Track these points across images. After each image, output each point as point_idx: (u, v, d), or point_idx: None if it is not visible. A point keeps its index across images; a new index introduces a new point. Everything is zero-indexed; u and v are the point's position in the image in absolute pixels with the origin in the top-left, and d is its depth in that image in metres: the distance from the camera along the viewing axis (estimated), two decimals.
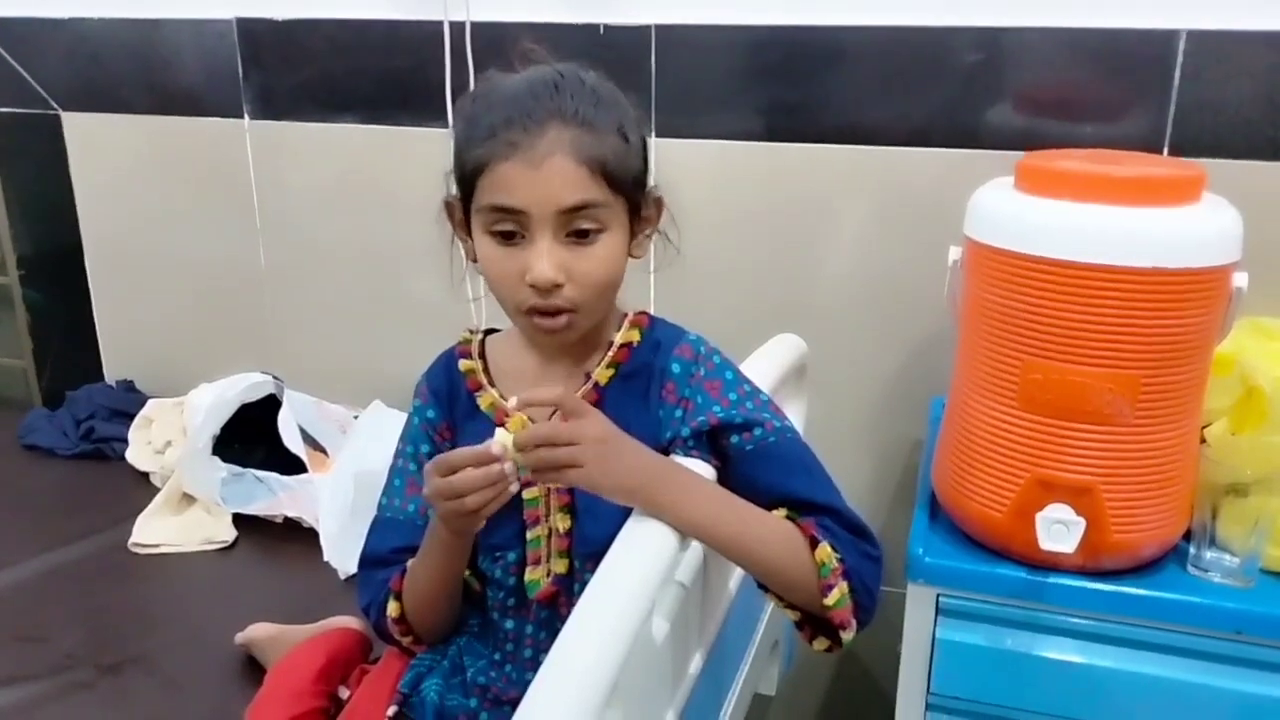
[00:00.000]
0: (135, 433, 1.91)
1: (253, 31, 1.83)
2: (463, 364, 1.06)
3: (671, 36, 1.61)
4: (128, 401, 2.02)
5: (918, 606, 1.22)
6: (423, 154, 1.76)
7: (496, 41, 1.66)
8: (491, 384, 1.05)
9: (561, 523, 1.01)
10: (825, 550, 0.92)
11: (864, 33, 1.52)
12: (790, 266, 1.66)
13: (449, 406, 1.07)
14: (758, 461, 0.97)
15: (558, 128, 0.90)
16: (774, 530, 0.93)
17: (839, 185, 1.60)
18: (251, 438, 1.78)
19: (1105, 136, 1.46)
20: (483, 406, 1.04)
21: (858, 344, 1.65)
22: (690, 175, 1.65)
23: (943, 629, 1.21)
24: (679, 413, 0.99)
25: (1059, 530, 1.13)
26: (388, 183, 1.82)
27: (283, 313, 2.00)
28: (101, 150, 2.04)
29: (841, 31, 1.53)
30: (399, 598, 1.04)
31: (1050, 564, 1.17)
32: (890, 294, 1.62)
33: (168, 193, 2.01)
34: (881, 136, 1.56)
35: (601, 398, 1.01)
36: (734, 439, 0.97)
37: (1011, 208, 1.16)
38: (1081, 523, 1.12)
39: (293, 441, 1.68)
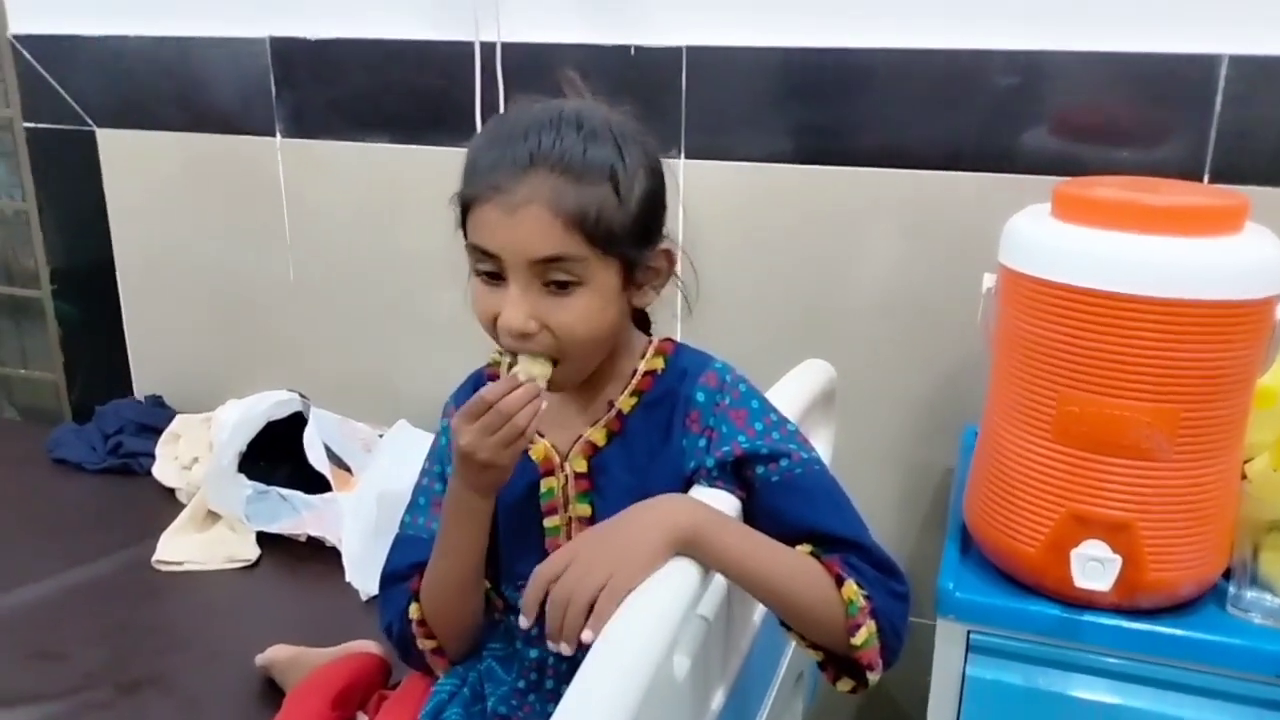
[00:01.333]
0: (162, 448, 1.92)
1: (286, 50, 1.84)
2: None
3: (703, 58, 1.60)
4: (156, 416, 2.03)
5: (947, 642, 1.19)
6: (452, 174, 1.73)
7: (527, 62, 1.65)
8: None
9: None
10: (851, 588, 0.89)
11: (897, 55, 1.51)
12: (819, 290, 1.64)
13: None
14: (783, 493, 0.94)
15: (541, 175, 0.86)
16: (798, 567, 0.90)
17: (870, 208, 1.58)
18: (277, 455, 1.77)
19: (1144, 163, 1.43)
20: None
21: (888, 370, 1.62)
22: (720, 197, 1.64)
23: (973, 666, 1.18)
24: (703, 442, 0.97)
25: (1094, 567, 1.10)
26: (417, 202, 1.82)
27: (310, 329, 2.00)
28: (135, 166, 2.05)
29: (874, 54, 1.52)
30: (418, 598, 1.02)
31: (1085, 602, 1.13)
32: (921, 319, 1.59)
33: (199, 209, 2.02)
34: (914, 159, 1.54)
35: (624, 427, 0.99)
36: (759, 470, 0.95)
37: (1049, 236, 1.13)
38: (1118, 560, 1.09)
39: (318, 460, 1.68)
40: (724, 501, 0.94)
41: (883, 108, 1.54)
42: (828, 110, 1.56)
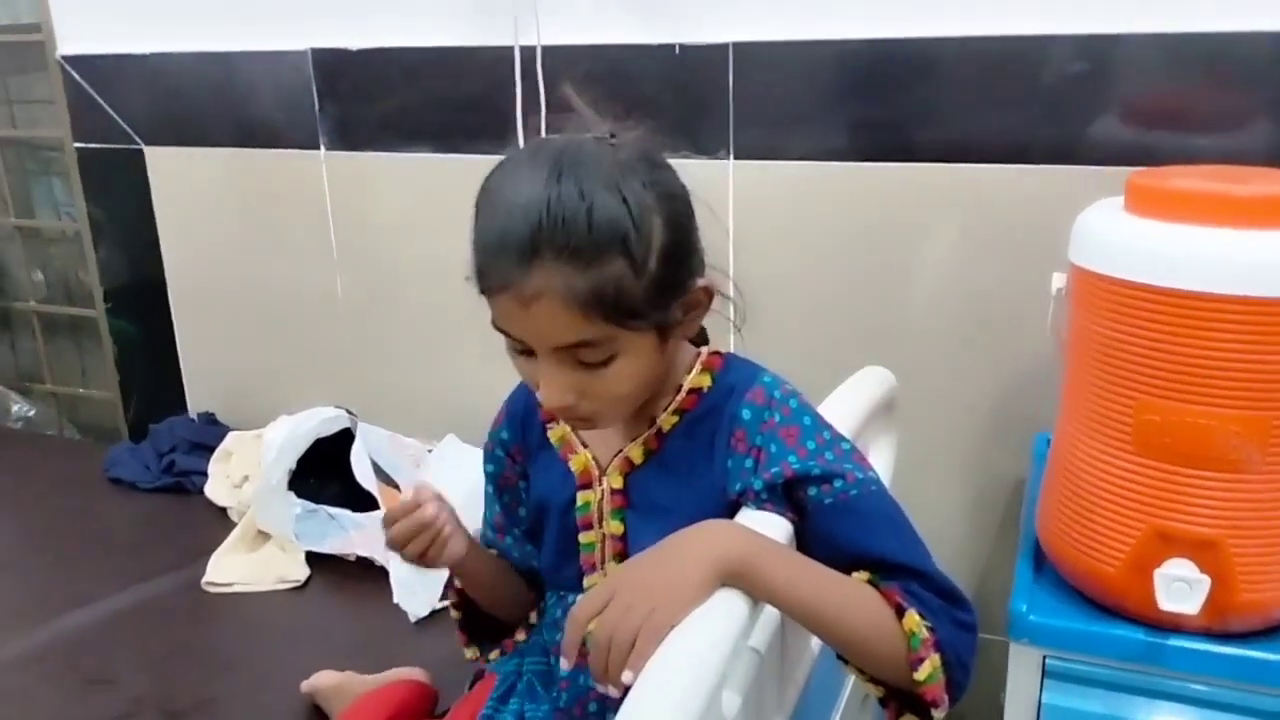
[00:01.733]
0: (215, 466, 1.91)
1: (327, 62, 1.82)
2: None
3: (750, 55, 1.54)
4: (209, 434, 2.02)
5: (1022, 668, 1.12)
6: None
7: (568, 65, 1.61)
8: None
9: None
10: (914, 619, 0.83)
11: (955, 44, 1.43)
12: (877, 293, 1.56)
13: (522, 430, 1.05)
14: (837, 517, 0.88)
15: (548, 263, 0.79)
16: (855, 597, 0.84)
17: (929, 206, 1.51)
18: (326, 472, 1.75)
19: (1224, 150, 1.34)
20: (552, 439, 1.01)
21: (952, 376, 1.54)
22: (771, 198, 1.58)
23: (1050, 694, 1.11)
24: (749, 462, 0.91)
25: (1180, 589, 1.02)
26: (461, 212, 1.77)
27: (358, 343, 1.98)
28: (182, 183, 2.05)
29: (930, 44, 1.44)
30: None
31: (1170, 625, 1.05)
32: (988, 321, 1.51)
33: (246, 225, 2.01)
34: (975, 153, 1.46)
35: (663, 445, 0.95)
36: (811, 491, 0.89)
37: (1123, 231, 1.05)
38: (1206, 580, 1.01)
39: (365, 478, 1.65)
40: (774, 525, 0.89)
41: (942, 100, 1.46)
42: (883, 105, 1.49)
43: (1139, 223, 1.05)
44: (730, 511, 0.91)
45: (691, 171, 0.89)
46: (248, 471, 1.85)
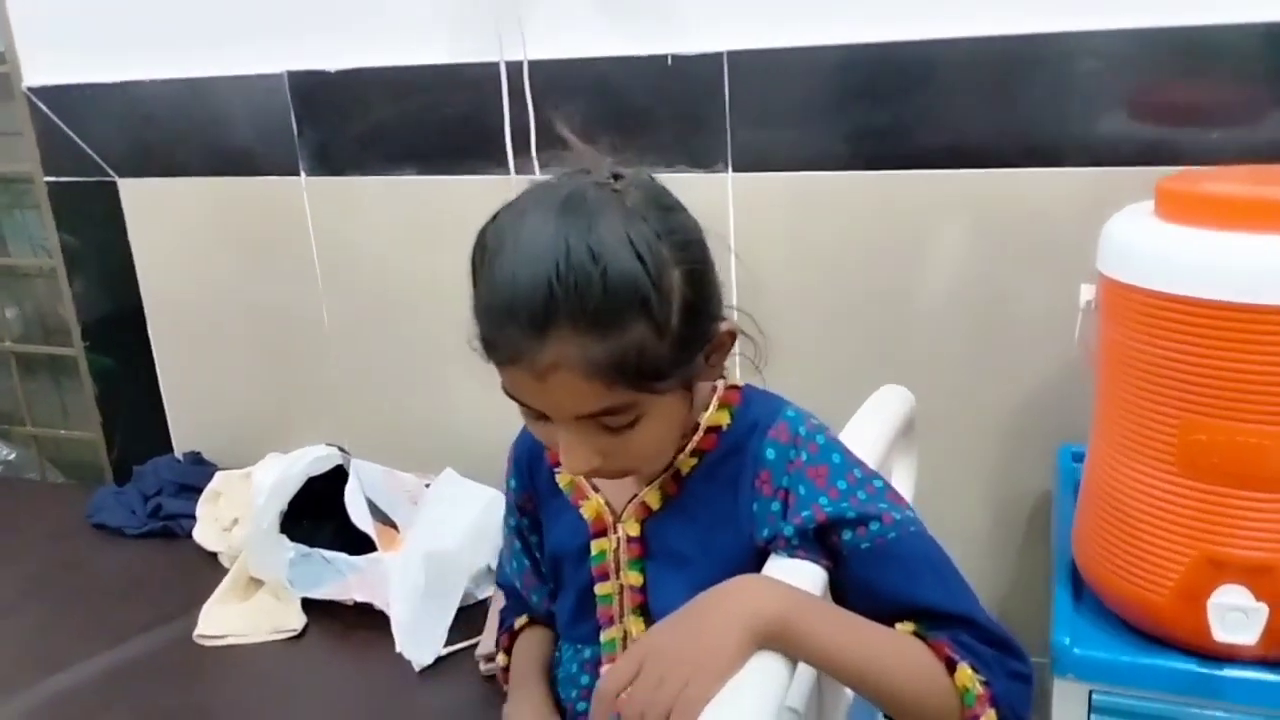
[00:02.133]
0: (203, 508, 1.83)
1: (304, 85, 1.75)
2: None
3: (746, 62, 1.47)
4: (195, 475, 1.94)
5: (1067, 704, 1.06)
6: (487, 202, 1.64)
7: (557, 80, 1.54)
8: None
9: (635, 626, 0.90)
10: (966, 673, 0.77)
11: (960, 45, 1.37)
12: (888, 306, 1.50)
13: (530, 477, 0.99)
14: (876, 562, 0.82)
15: (563, 333, 0.72)
16: (902, 652, 0.78)
17: (938, 213, 1.45)
18: (319, 513, 1.67)
19: (1242, 145, 1.28)
20: (561, 485, 0.95)
21: (968, 389, 1.48)
22: (774, 210, 1.52)
23: None
24: (776, 506, 0.85)
25: (1236, 618, 0.96)
26: (451, 235, 1.70)
27: (348, 374, 1.91)
28: (159, 216, 1.98)
29: (934, 45, 1.38)
30: (508, 653, 1.05)
31: (1226, 655, 1.00)
32: (1003, 331, 1.45)
33: (227, 255, 1.94)
34: (983, 158, 1.40)
35: (682, 489, 0.88)
36: (846, 535, 0.82)
37: (1157, 240, 1.00)
38: (1263, 609, 0.95)
39: (360, 518, 1.58)
40: (807, 574, 0.82)
41: (948, 102, 1.40)
42: (887, 110, 1.43)
43: (1174, 230, 0.99)
44: (758, 558, 0.85)
45: (690, 186, 0.83)
46: (237, 513, 1.78)
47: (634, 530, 0.90)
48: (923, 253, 1.47)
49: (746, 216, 1.51)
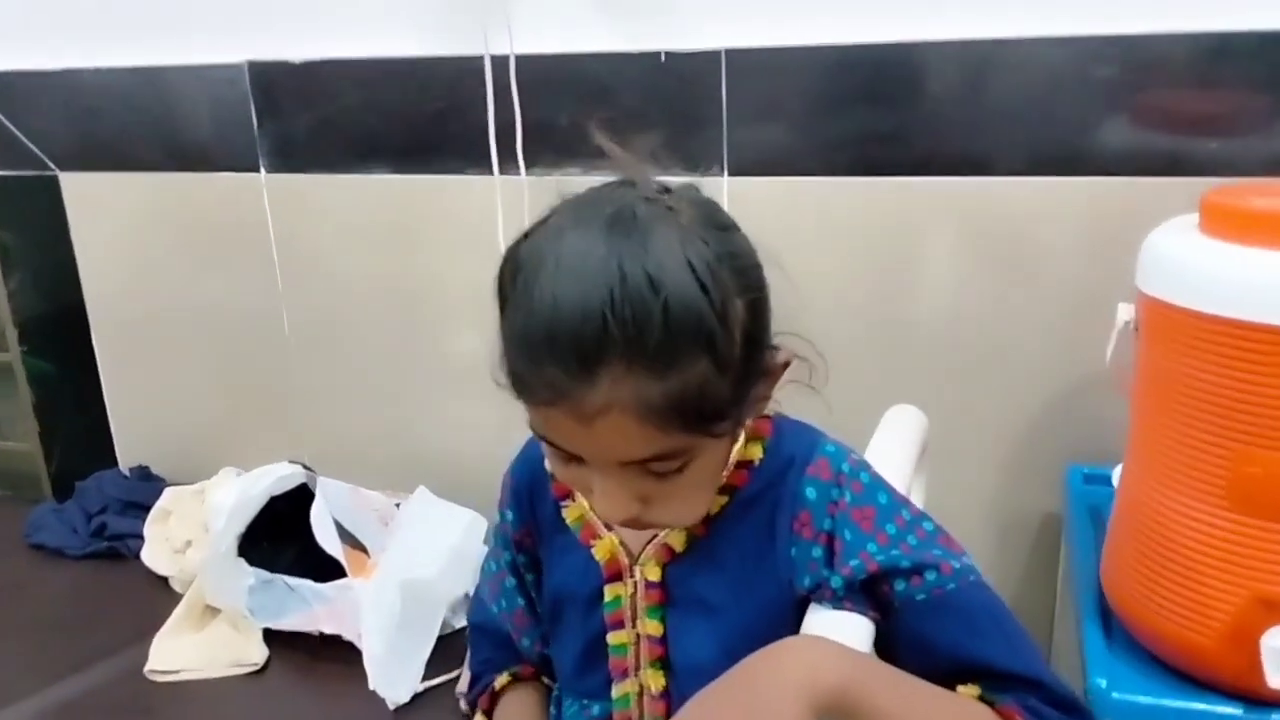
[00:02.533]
0: (151, 528, 1.71)
1: (266, 76, 1.64)
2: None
3: (744, 61, 1.40)
4: (143, 491, 1.82)
5: None
6: (464, 204, 1.56)
7: (544, 76, 1.45)
8: None
9: (654, 681, 0.82)
10: None
11: (973, 47, 1.31)
12: (890, 319, 1.44)
13: (530, 508, 0.89)
14: (933, 616, 0.75)
15: (616, 372, 0.63)
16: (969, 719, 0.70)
17: (944, 223, 1.39)
18: (280, 535, 1.56)
19: (1264, 156, 1.23)
20: (568, 520, 0.86)
21: (973, 409, 1.43)
22: (772, 216, 1.42)
23: None
24: (818, 551, 0.77)
25: None
26: (425, 237, 1.62)
27: (310, 384, 1.80)
28: (105, 213, 1.85)
29: (945, 47, 1.32)
30: (488, 716, 0.94)
31: (1276, 699, 0.93)
32: (1007, 348, 1.40)
33: (179, 256, 1.82)
34: (989, 166, 1.34)
35: (710, 530, 0.80)
36: (899, 586, 0.75)
37: (1207, 259, 0.93)
38: None
39: (328, 543, 1.47)
40: (854, 627, 0.75)
41: (958, 107, 1.34)
42: (895, 114, 1.36)
43: (1225, 249, 0.93)
44: (797, 608, 0.78)
45: None
46: (190, 534, 1.66)
47: (654, 574, 0.81)
48: (925, 263, 1.41)
49: (744, 223, 1.42)
